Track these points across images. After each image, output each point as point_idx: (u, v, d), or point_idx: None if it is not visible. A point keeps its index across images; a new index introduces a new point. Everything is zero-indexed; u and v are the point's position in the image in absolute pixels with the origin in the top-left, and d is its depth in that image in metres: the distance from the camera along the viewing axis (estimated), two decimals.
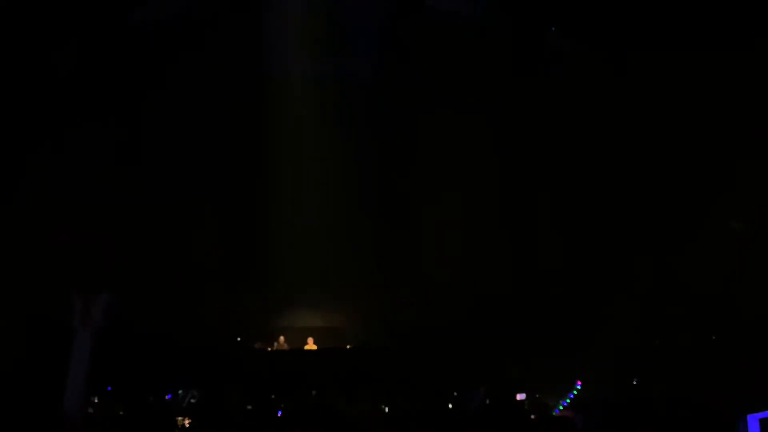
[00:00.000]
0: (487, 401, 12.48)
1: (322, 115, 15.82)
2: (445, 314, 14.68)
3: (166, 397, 12.85)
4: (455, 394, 12.71)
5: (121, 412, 12.22)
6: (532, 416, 11.36)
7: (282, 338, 15.31)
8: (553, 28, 16.82)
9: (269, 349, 15.23)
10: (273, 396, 13.12)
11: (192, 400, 13.04)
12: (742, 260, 13.75)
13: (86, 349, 6.41)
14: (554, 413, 12.64)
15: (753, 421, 9.75)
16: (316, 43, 16.09)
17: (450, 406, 12.27)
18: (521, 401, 11.69)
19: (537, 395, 12.65)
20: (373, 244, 16.11)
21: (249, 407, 12.73)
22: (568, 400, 12.73)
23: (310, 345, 15.26)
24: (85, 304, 6.45)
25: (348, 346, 15.24)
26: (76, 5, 14.57)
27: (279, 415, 12.35)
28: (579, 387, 12.89)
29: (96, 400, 11.86)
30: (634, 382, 12.77)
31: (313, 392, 13.31)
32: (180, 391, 13.11)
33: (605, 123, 16.44)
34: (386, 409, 12.47)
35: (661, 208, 14.97)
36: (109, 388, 12.80)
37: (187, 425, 11.80)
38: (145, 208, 15.93)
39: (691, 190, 14.44)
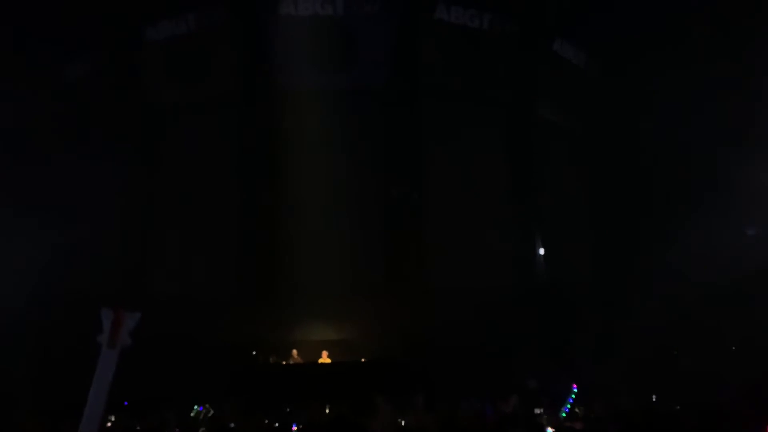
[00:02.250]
0: (499, 415, 12.38)
1: (334, 127, 15.89)
2: (459, 326, 14.64)
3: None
4: (470, 406, 12.60)
5: (138, 428, 12.22)
6: (550, 430, 11.29)
7: (295, 351, 15.27)
8: (558, 37, 16.97)
9: (284, 362, 15.21)
10: (288, 410, 13.07)
11: (208, 415, 13.00)
12: (759, 267, 13.65)
13: (111, 369, 6.37)
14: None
15: None
16: (326, 55, 16.20)
17: (465, 419, 12.17)
18: (538, 415, 11.59)
19: (554, 408, 12.54)
20: (386, 256, 16.12)
21: (265, 421, 12.69)
22: (569, 406, 12.61)
23: (324, 358, 15.21)
24: (113, 322, 6.42)
25: (362, 359, 15.18)
26: (91, 22, 14.80)
27: (294, 429, 12.30)
28: (575, 390, 12.74)
29: (113, 418, 11.87)
30: (654, 398, 12.64)
31: (328, 406, 13.23)
32: (195, 406, 13.10)
33: (611, 128, 16.48)
34: (402, 423, 12.38)
35: (674, 214, 14.92)
36: (126, 403, 12.83)
37: None
38: (158, 221, 16.07)
39: (704, 196, 14.38)
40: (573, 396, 12.49)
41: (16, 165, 14.01)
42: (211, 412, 12.48)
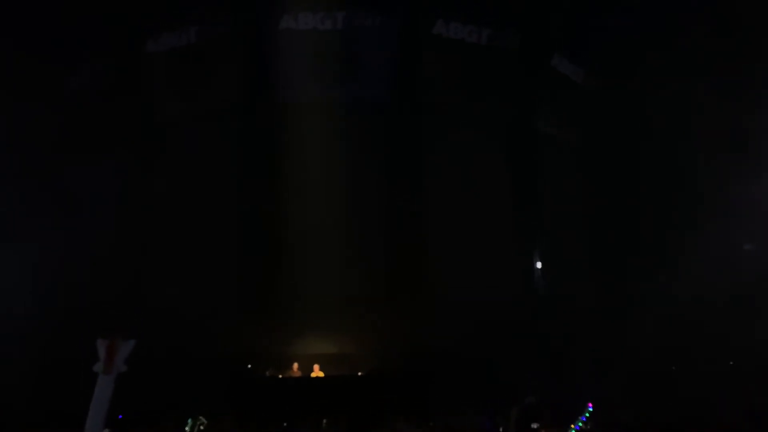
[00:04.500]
0: (501, 429, 12.29)
1: (334, 140, 15.94)
2: (458, 339, 14.57)
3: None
4: (468, 420, 12.52)
5: None
6: None
7: (296, 365, 15.18)
8: (556, 53, 17.15)
9: (280, 376, 15.10)
10: (285, 424, 12.97)
11: (201, 427, 12.88)
12: (757, 281, 13.68)
13: (107, 395, 6.41)
14: None
15: None
16: (326, 69, 16.31)
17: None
18: (536, 429, 11.50)
19: (552, 422, 12.45)
20: (387, 268, 16.09)
21: None
22: (581, 424, 12.51)
23: (317, 372, 15.11)
24: (109, 351, 6.45)
25: (359, 373, 15.09)
26: (94, 33, 14.90)
27: None
28: (591, 409, 12.66)
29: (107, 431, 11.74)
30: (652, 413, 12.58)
31: (324, 420, 13.12)
32: (189, 420, 12.99)
33: (609, 142, 16.58)
34: None
35: (673, 227, 14.97)
36: (120, 417, 12.72)
37: None
38: (158, 232, 16.06)
39: (703, 210, 14.45)
40: (587, 414, 12.40)
41: (17, 174, 14.02)
42: (204, 424, 12.36)
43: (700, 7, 14.00)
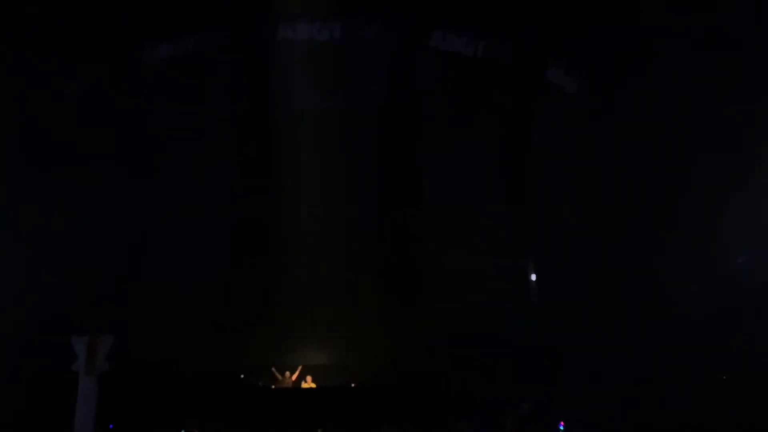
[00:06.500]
0: None
1: (328, 148, 15.99)
2: (452, 349, 14.50)
3: None
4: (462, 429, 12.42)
5: None
6: None
7: (288, 374, 15.11)
8: (552, 65, 17.23)
9: (273, 386, 15.00)
10: None
11: None
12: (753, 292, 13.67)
13: (92, 395, 6.28)
14: None
15: None
16: (323, 79, 16.40)
17: None
18: None
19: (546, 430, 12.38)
20: (379, 278, 16.05)
21: None
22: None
23: (308, 383, 15.02)
24: (88, 348, 6.34)
25: (353, 384, 14.99)
26: (91, 41, 14.98)
27: None
28: (562, 428, 12.59)
29: None
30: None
31: (317, 431, 13.03)
32: (182, 431, 12.88)
33: (603, 153, 16.62)
34: None
35: (668, 237, 14.98)
36: (111, 426, 12.60)
37: None
38: (151, 242, 16.03)
39: (698, 220, 14.47)
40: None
41: (11, 179, 14.04)
42: None
43: (695, 18, 14.10)
